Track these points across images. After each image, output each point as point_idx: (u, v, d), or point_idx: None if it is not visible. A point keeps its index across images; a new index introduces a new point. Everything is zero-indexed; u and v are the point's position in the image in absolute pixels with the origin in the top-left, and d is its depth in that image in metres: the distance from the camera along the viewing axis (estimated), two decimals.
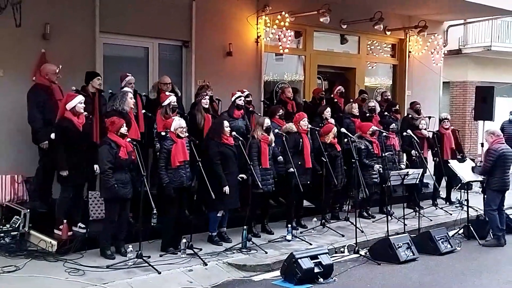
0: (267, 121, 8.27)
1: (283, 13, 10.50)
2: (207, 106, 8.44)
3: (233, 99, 8.74)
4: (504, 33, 18.49)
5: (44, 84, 7.66)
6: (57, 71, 7.70)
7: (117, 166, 6.74)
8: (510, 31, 18.74)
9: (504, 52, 17.95)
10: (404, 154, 11.00)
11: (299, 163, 8.40)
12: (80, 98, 7.16)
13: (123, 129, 6.83)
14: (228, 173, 7.58)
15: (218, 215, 7.74)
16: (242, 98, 8.83)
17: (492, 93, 12.66)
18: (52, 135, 7.24)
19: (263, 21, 10.67)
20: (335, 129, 9.13)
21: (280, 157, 8.31)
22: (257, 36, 10.81)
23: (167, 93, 8.28)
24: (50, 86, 7.70)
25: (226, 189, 7.45)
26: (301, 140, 8.57)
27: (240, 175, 7.79)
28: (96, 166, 7.10)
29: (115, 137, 6.80)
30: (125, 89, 7.82)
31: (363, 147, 9.34)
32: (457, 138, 11.46)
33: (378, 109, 11.12)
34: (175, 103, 8.01)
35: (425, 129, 10.78)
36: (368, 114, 10.67)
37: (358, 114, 10.28)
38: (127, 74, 8.36)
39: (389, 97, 12.28)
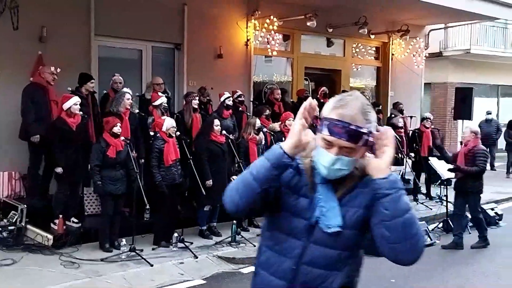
0: (258, 122, 8.25)
1: (272, 17, 10.46)
2: (196, 107, 8.38)
3: (222, 99, 8.71)
4: (483, 37, 18.60)
5: (40, 83, 7.60)
6: (53, 71, 7.61)
7: (106, 164, 6.71)
8: (488, 35, 18.86)
9: (482, 55, 18.06)
10: None
11: None
12: (75, 99, 7.13)
13: (116, 129, 6.78)
14: (215, 170, 7.54)
15: (205, 209, 7.71)
16: (231, 99, 8.80)
17: (471, 94, 12.70)
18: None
19: (253, 25, 10.64)
20: None
21: None
22: (247, 39, 10.78)
23: (159, 93, 8.22)
24: (46, 86, 7.64)
25: (209, 182, 7.41)
26: (283, 138, 8.55)
27: (232, 177, 7.78)
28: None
29: (107, 136, 6.79)
30: (124, 90, 7.72)
31: None
32: (435, 137, 11.37)
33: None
34: (166, 104, 7.98)
35: (402, 127, 10.74)
36: None
37: None
38: (114, 74, 8.30)
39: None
